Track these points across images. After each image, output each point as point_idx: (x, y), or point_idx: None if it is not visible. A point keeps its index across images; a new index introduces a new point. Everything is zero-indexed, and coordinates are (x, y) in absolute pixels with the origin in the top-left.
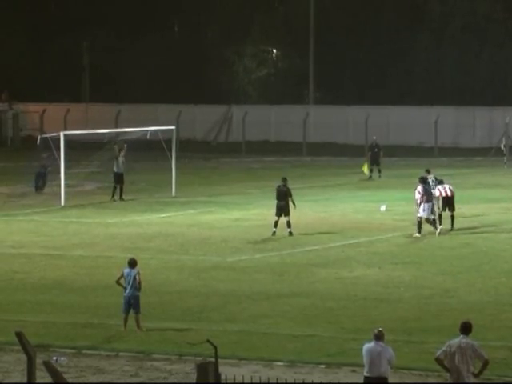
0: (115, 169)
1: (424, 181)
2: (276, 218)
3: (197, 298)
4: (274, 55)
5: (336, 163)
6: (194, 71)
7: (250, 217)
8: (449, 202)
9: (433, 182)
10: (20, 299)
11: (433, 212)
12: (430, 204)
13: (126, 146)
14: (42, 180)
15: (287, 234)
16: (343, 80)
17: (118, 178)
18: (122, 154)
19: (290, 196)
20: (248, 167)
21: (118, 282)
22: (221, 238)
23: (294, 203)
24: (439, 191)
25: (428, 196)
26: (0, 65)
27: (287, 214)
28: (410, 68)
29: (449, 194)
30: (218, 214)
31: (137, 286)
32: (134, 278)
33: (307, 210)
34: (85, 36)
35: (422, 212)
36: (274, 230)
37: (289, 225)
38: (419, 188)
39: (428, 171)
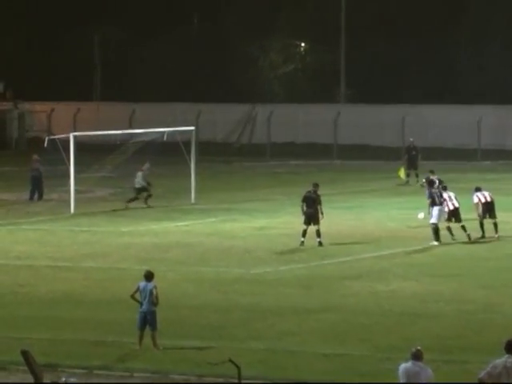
0: (137, 184)
1: (432, 183)
2: (304, 227)
3: (218, 314)
4: (301, 49)
5: (369, 167)
6: (214, 67)
7: (275, 225)
8: (489, 208)
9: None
10: (26, 315)
11: (440, 218)
12: (437, 208)
13: (148, 164)
14: (38, 187)
15: (316, 244)
16: (377, 76)
17: (140, 191)
18: (145, 168)
19: (320, 204)
20: (273, 171)
21: (132, 296)
22: (244, 248)
23: (322, 212)
24: (478, 197)
25: (433, 200)
26: (4, 61)
27: (316, 222)
28: (449, 63)
29: (488, 199)
30: (241, 222)
31: (153, 301)
32: (151, 292)
33: (338, 218)
34: (96, 30)
35: (434, 218)
36: (302, 239)
37: (318, 234)
38: (426, 192)
39: (432, 172)
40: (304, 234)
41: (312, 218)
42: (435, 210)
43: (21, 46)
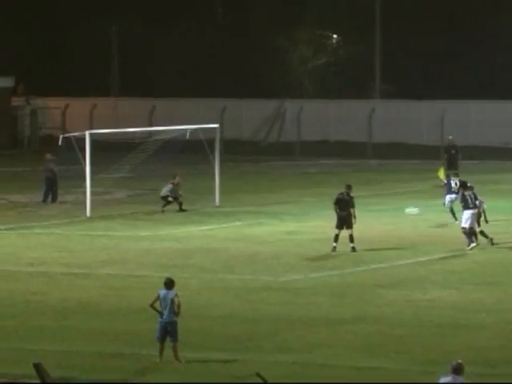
0: (162, 193)
1: (465, 186)
2: (336, 231)
3: (244, 324)
4: (333, 41)
5: (406, 167)
6: (240, 60)
7: (305, 229)
8: None
9: (456, 184)
10: (38, 325)
11: (473, 222)
12: (469, 212)
13: (179, 178)
14: (52, 189)
15: (349, 249)
16: (414, 70)
17: (165, 198)
18: (176, 182)
19: (353, 206)
20: (303, 172)
21: (152, 305)
22: (272, 254)
23: (355, 215)
24: None
25: (466, 203)
26: (15, 54)
27: (350, 226)
28: (491, 56)
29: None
30: (269, 226)
31: (175, 310)
32: (172, 301)
33: (372, 221)
34: (113, 20)
35: (465, 222)
36: (335, 244)
37: (351, 239)
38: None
39: (456, 175)
40: (336, 238)
41: (345, 221)
42: (467, 213)
43: (33, 38)
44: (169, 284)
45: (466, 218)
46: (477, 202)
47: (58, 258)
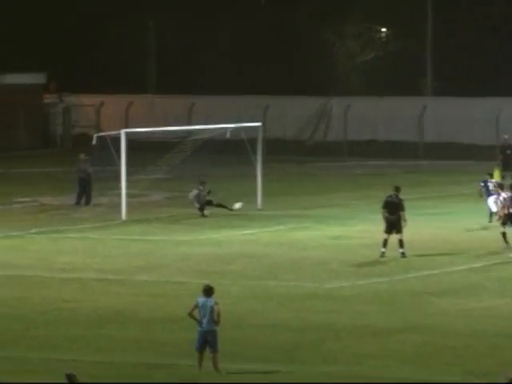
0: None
1: (502, 188)
2: (385, 236)
3: (287, 334)
4: (382, 35)
5: (460, 168)
6: (284, 56)
7: (352, 234)
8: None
9: (495, 186)
10: (71, 334)
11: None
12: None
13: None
14: (86, 190)
15: (399, 255)
16: (468, 66)
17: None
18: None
19: (403, 210)
20: (350, 173)
21: (190, 313)
22: (317, 259)
23: (405, 219)
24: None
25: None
26: (48, 50)
27: (399, 230)
28: None
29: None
30: (314, 230)
31: (214, 319)
32: (211, 309)
33: (424, 225)
34: (150, 14)
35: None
36: (383, 250)
37: (401, 244)
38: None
39: (491, 175)
40: (385, 243)
41: (394, 225)
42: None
43: (67, 32)
44: (208, 291)
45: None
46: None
47: (91, 263)
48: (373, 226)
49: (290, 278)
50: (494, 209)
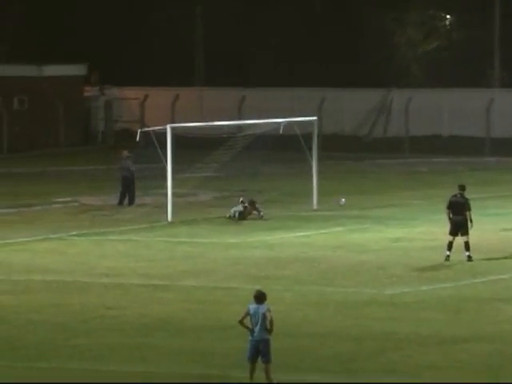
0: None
1: None
2: (450, 238)
3: (346, 343)
4: (447, 23)
5: None
6: (341, 45)
7: (414, 236)
8: None
9: None
10: (114, 343)
11: None
12: None
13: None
14: (129, 190)
15: (465, 258)
16: None
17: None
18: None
19: (469, 210)
20: (412, 170)
21: (241, 321)
22: (377, 264)
23: (471, 220)
24: None
25: None
26: (89, 39)
27: (465, 232)
28: None
29: None
30: (373, 232)
31: (267, 327)
32: (263, 317)
33: (491, 227)
34: (199, 1)
35: None
36: (448, 253)
37: (467, 247)
38: None
39: None
40: (450, 246)
41: (460, 227)
42: None
43: (109, 21)
44: (260, 297)
45: None
46: None
47: (135, 267)
48: (436, 228)
49: (347, 283)
50: None
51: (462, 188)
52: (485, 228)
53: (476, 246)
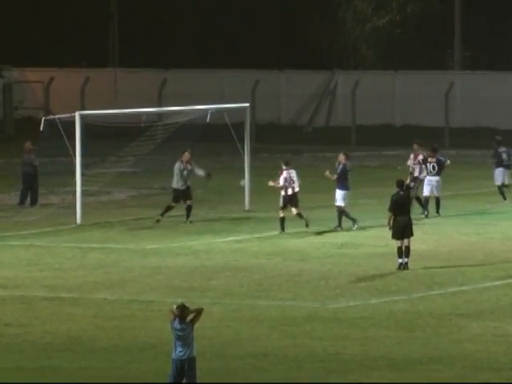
0: (177, 184)
1: None
2: (398, 243)
3: (283, 365)
4: None
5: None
6: (277, 20)
7: (362, 241)
8: None
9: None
10: (12, 366)
11: None
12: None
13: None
14: (32, 188)
15: (398, 266)
16: (506, 32)
17: (184, 195)
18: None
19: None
20: (360, 165)
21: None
22: (318, 273)
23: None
24: None
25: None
26: None
27: (410, 234)
28: None
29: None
30: (314, 236)
31: (193, 344)
32: (188, 333)
33: (451, 230)
34: None
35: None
36: (401, 261)
37: (408, 252)
38: None
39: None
40: (400, 253)
41: (405, 228)
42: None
43: None
44: (183, 312)
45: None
46: None
47: (39, 278)
48: (387, 232)
49: (285, 296)
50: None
51: (400, 184)
52: (443, 232)
53: (433, 252)
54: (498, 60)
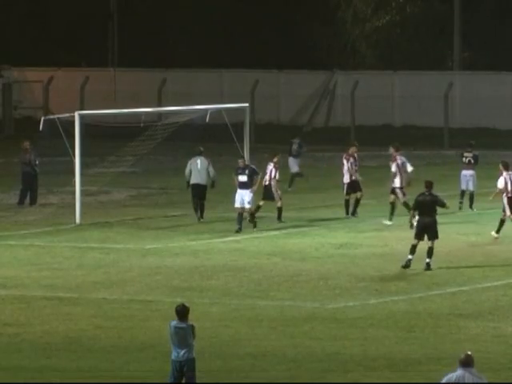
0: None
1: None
2: (414, 242)
3: (282, 365)
4: None
5: (496, 159)
6: (277, 20)
7: (361, 241)
8: None
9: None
10: (11, 365)
11: None
12: None
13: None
14: (31, 187)
15: (424, 266)
16: (506, 32)
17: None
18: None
19: (443, 206)
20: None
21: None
22: (318, 273)
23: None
24: None
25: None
26: None
27: (433, 236)
28: None
29: None
30: (314, 236)
31: (193, 345)
32: (187, 334)
33: (450, 231)
34: None
35: None
36: (410, 257)
37: (430, 253)
38: None
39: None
40: (413, 250)
41: (429, 229)
42: None
43: None
44: (182, 312)
45: None
46: None
47: (38, 277)
48: (387, 232)
49: (284, 296)
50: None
51: (429, 185)
52: (443, 232)
53: (436, 253)
54: (498, 60)
